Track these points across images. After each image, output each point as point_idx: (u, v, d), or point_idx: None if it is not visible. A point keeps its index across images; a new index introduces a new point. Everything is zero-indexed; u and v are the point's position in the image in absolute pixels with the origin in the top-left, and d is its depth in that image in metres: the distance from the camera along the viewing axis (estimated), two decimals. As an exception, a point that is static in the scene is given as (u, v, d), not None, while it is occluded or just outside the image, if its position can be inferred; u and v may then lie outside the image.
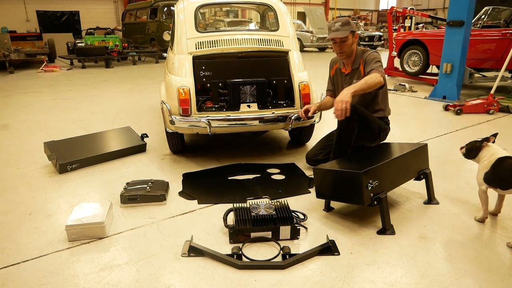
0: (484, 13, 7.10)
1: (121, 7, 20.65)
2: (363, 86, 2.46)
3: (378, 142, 2.86)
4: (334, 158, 2.65)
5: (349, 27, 2.76)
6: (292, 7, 27.51)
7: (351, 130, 2.61)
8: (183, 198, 2.66)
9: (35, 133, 4.29)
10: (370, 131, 2.73)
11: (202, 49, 3.18)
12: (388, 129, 2.90)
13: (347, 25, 2.76)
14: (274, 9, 3.54)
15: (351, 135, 2.62)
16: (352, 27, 2.77)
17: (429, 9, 31.30)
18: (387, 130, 2.88)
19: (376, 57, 2.74)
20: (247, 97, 3.16)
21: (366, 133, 2.73)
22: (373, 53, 2.79)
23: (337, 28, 2.76)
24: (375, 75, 2.52)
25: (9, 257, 1.99)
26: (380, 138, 2.85)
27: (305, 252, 1.97)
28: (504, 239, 2.12)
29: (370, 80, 2.48)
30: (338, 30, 2.75)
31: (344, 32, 2.73)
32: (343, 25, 2.75)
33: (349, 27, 2.76)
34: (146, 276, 1.82)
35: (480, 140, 2.25)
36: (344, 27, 2.75)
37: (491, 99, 5.15)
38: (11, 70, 9.62)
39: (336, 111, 2.35)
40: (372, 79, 2.49)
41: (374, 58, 2.73)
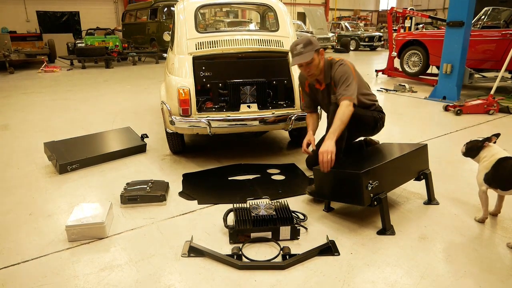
0: (484, 13, 7.10)
1: (121, 8, 20.64)
2: (342, 126, 2.36)
3: (377, 131, 2.86)
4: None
5: (312, 47, 2.54)
6: (292, 8, 27.52)
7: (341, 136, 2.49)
8: (183, 198, 2.66)
9: (35, 134, 4.29)
10: (365, 126, 2.74)
11: (202, 49, 3.18)
12: (383, 116, 2.85)
13: (310, 45, 2.53)
14: (274, 10, 3.54)
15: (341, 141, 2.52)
16: (315, 45, 2.56)
17: (429, 9, 31.31)
18: (382, 118, 2.84)
19: (342, 74, 2.55)
20: (247, 97, 3.16)
21: (363, 129, 2.75)
22: (339, 68, 2.58)
23: (300, 51, 2.54)
24: (344, 108, 2.39)
25: (9, 257, 1.99)
26: (378, 128, 2.84)
27: (305, 253, 1.97)
28: (504, 239, 2.12)
29: (344, 116, 2.37)
30: (301, 53, 2.53)
31: (308, 55, 2.52)
32: (305, 46, 2.53)
33: (312, 46, 2.54)
34: (146, 277, 1.82)
35: (482, 140, 2.25)
36: (307, 48, 2.53)
37: (491, 99, 5.15)
38: (11, 70, 9.62)
39: (321, 163, 2.23)
40: (345, 114, 2.37)
41: (341, 77, 2.54)
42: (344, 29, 19.86)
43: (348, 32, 19.21)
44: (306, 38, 2.58)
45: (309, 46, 2.55)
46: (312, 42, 2.56)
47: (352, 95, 2.46)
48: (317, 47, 2.57)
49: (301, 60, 2.55)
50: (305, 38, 2.58)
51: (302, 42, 2.56)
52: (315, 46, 2.56)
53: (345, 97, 2.45)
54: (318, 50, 2.60)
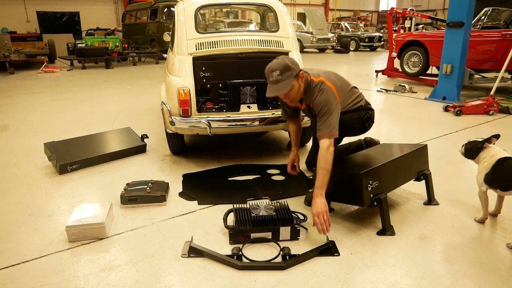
0: (484, 14, 7.11)
1: (121, 8, 20.66)
2: (327, 175, 2.14)
3: (368, 130, 2.75)
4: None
5: (291, 73, 2.25)
6: (292, 8, 27.53)
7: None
8: (183, 198, 2.66)
9: (35, 134, 4.29)
10: (354, 130, 2.66)
11: (202, 50, 3.18)
12: (371, 113, 2.71)
13: (288, 71, 2.24)
14: (274, 10, 3.54)
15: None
16: (294, 70, 2.26)
17: (429, 10, 31.32)
18: (371, 116, 2.71)
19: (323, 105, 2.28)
20: (247, 98, 3.16)
21: (351, 133, 2.69)
22: (318, 98, 2.31)
23: (276, 78, 2.26)
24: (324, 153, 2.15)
25: (10, 257, 1.99)
26: (367, 127, 2.72)
27: (305, 253, 1.97)
28: (504, 240, 2.12)
29: (327, 164, 2.14)
30: (278, 81, 2.26)
31: (287, 84, 2.26)
32: (282, 73, 2.24)
33: (291, 72, 2.25)
34: (146, 277, 1.82)
35: (481, 141, 2.24)
36: (285, 75, 2.24)
37: (491, 100, 5.15)
38: (11, 70, 9.63)
39: (317, 225, 2.04)
40: (328, 161, 2.14)
41: (321, 109, 2.28)
42: (344, 29, 19.88)
43: (348, 32, 19.23)
44: (284, 62, 2.27)
45: (287, 72, 2.25)
46: (290, 67, 2.26)
47: (331, 130, 2.22)
48: (296, 71, 2.29)
49: (279, 91, 2.30)
50: (282, 63, 2.27)
51: (278, 68, 2.25)
52: (294, 71, 2.27)
53: (325, 134, 2.22)
54: (298, 74, 2.31)
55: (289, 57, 2.35)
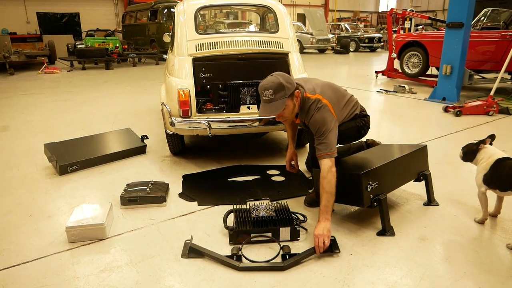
0: (484, 14, 7.11)
1: (121, 9, 20.66)
2: (332, 199, 2.09)
3: (364, 136, 2.70)
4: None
5: (285, 93, 2.14)
6: (292, 9, 27.55)
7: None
8: (183, 199, 2.66)
9: (35, 135, 4.29)
10: (350, 138, 2.63)
11: (202, 51, 3.19)
12: (367, 120, 2.65)
13: (281, 91, 2.13)
14: (274, 11, 3.55)
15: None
16: (288, 89, 2.14)
17: (428, 10, 31.35)
18: (367, 123, 2.64)
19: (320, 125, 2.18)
20: (247, 98, 3.17)
21: (348, 141, 2.67)
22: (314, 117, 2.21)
23: (269, 98, 2.14)
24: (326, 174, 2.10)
25: (10, 258, 1.99)
26: (363, 134, 2.67)
27: (306, 251, 1.97)
28: (503, 240, 2.12)
29: (331, 188, 2.08)
30: (270, 100, 2.15)
31: (280, 104, 2.15)
32: (276, 92, 2.13)
33: (284, 92, 2.14)
34: (146, 278, 1.82)
35: (476, 143, 2.25)
36: (278, 95, 2.13)
37: (491, 100, 5.16)
38: (11, 71, 9.63)
39: (316, 247, 1.99)
40: (331, 184, 2.09)
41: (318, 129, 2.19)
42: (344, 30, 19.88)
43: (348, 33, 19.24)
44: (277, 81, 2.14)
45: (281, 92, 2.14)
46: (284, 86, 2.14)
47: (331, 149, 2.14)
48: (290, 90, 2.17)
49: (271, 112, 2.19)
50: (275, 81, 2.14)
51: (272, 87, 2.14)
52: (288, 90, 2.15)
53: (325, 154, 2.14)
54: (293, 94, 2.19)
55: (285, 75, 2.22)
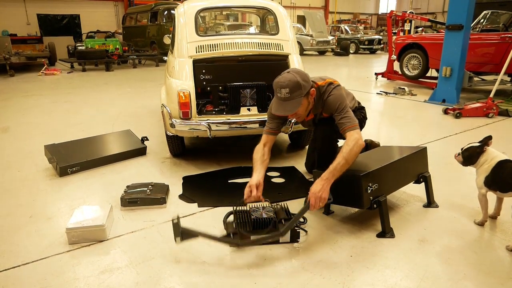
0: (483, 17, 7.13)
1: (122, 11, 20.68)
2: (345, 168, 2.05)
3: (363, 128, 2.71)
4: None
5: (301, 92, 2.12)
6: (292, 11, 27.59)
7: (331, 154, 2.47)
8: (183, 201, 2.67)
9: (36, 136, 4.30)
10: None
11: (202, 52, 3.20)
12: (364, 112, 2.74)
13: (298, 90, 2.11)
14: (274, 13, 3.56)
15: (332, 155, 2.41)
16: (304, 88, 2.13)
17: (428, 12, 31.41)
18: (364, 115, 2.75)
19: (339, 102, 2.20)
20: (247, 100, 3.17)
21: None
22: (332, 96, 2.23)
23: (285, 96, 2.13)
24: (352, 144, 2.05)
25: (10, 259, 1.99)
26: (363, 126, 2.72)
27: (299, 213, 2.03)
28: (503, 242, 2.12)
29: (351, 156, 2.04)
30: (286, 99, 2.13)
31: (296, 103, 2.14)
32: (292, 92, 2.11)
33: (301, 91, 2.12)
34: (146, 279, 1.82)
35: (479, 145, 2.24)
36: (295, 94, 2.12)
37: (491, 102, 5.16)
38: (11, 73, 9.64)
39: (311, 206, 2.00)
40: (353, 153, 2.03)
41: (339, 106, 2.20)
42: (344, 32, 19.92)
43: (347, 35, 19.27)
44: (295, 80, 2.12)
45: (298, 91, 2.12)
46: (301, 86, 2.12)
47: (355, 121, 2.17)
48: (307, 89, 2.16)
49: (286, 111, 2.18)
50: (293, 80, 2.12)
51: (288, 85, 2.11)
52: (304, 89, 2.14)
53: (351, 126, 2.13)
54: (309, 92, 2.20)
55: (301, 72, 2.21)
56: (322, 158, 2.58)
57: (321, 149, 2.66)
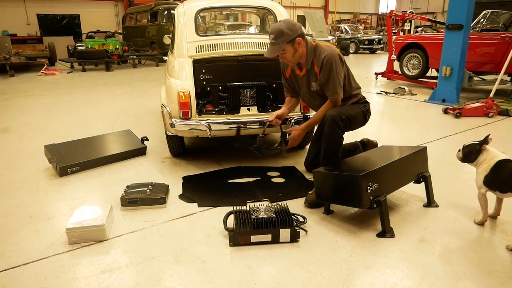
0: (483, 16, 7.13)
1: (122, 11, 20.68)
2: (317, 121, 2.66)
3: (367, 122, 2.83)
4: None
5: (284, 38, 2.46)
6: (292, 11, 27.60)
7: (338, 143, 2.56)
8: (183, 201, 2.67)
9: (36, 136, 4.30)
10: (357, 123, 2.73)
11: (202, 52, 3.20)
12: (368, 106, 2.82)
13: (281, 37, 2.46)
14: (274, 13, 3.56)
15: (338, 147, 2.56)
16: (287, 36, 2.46)
17: (428, 12, 31.41)
18: (369, 109, 2.82)
19: (330, 64, 2.50)
20: (247, 100, 3.17)
21: (355, 126, 2.74)
22: (327, 56, 2.50)
23: (272, 41, 2.51)
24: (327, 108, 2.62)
25: (10, 259, 1.99)
26: (367, 119, 2.82)
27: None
28: (503, 241, 2.12)
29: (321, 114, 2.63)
30: (272, 44, 2.51)
31: (278, 48, 2.50)
32: (276, 38, 2.47)
33: (284, 38, 2.46)
34: (146, 279, 1.83)
35: (479, 143, 2.24)
36: (278, 40, 2.47)
37: (490, 102, 5.16)
38: (11, 73, 9.64)
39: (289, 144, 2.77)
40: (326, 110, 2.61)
41: (330, 68, 2.50)
42: (344, 32, 19.91)
43: (347, 35, 19.27)
44: (279, 28, 2.46)
45: (281, 38, 2.46)
46: (283, 33, 2.45)
47: (338, 93, 2.58)
48: (290, 37, 2.46)
49: (270, 53, 2.55)
50: (278, 27, 2.47)
51: (273, 32, 2.48)
52: (288, 36, 2.46)
53: (330, 98, 2.63)
54: (294, 40, 2.49)
55: (290, 22, 2.52)
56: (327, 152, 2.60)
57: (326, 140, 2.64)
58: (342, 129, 2.54)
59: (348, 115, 2.58)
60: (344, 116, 2.54)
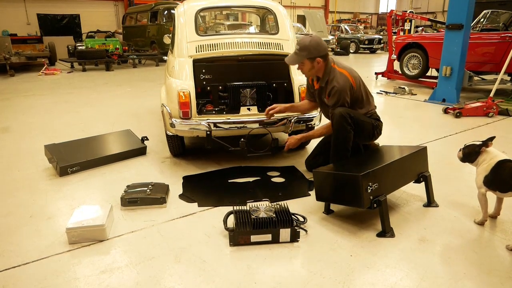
0: (483, 16, 7.13)
1: (122, 11, 20.68)
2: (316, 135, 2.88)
3: (374, 139, 2.88)
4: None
5: (306, 54, 2.58)
6: (292, 11, 27.59)
7: (346, 138, 2.63)
8: (183, 201, 2.67)
9: (36, 136, 4.30)
10: (365, 132, 2.75)
11: (202, 52, 3.20)
12: (380, 124, 2.87)
13: (304, 51, 2.58)
14: (274, 13, 3.56)
15: (348, 142, 2.64)
16: (310, 53, 2.57)
17: (428, 12, 31.40)
18: (380, 126, 2.86)
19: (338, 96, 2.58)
20: (247, 100, 3.17)
21: (363, 134, 2.75)
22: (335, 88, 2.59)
23: (295, 51, 2.64)
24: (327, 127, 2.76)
25: (10, 259, 1.99)
26: (376, 136, 2.85)
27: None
28: (503, 241, 2.12)
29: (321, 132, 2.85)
30: (295, 53, 2.65)
31: (296, 59, 2.65)
32: (300, 50, 2.60)
33: (306, 53, 2.58)
34: (146, 279, 1.83)
35: (479, 145, 2.24)
36: (300, 53, 2.60)
37: (491, 102, 5.16)
38: (11, 73, 9.63)
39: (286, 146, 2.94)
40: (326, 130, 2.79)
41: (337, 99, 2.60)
42: (344, 31, 19.90)
43: (348, 34, 19.26)
44: (306, 42, 2.59)
45: (303, 52, 2.60)
46: (307, 49, 2.58)
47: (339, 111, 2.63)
48: (311, 55, 2.59)
49: (290, 61, 2.72)
50: (305, 42, 2.59)
51: (299, 44, 2.61)
52: (310, 53, 2.58)
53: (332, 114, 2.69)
54: (314, 59, 2.61)
55: (318, 40, 2.63)
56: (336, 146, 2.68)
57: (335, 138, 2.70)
58: (351, 124, 2.59)
59: (356, 117, 2.64)
60: (353, 114, 2.61)
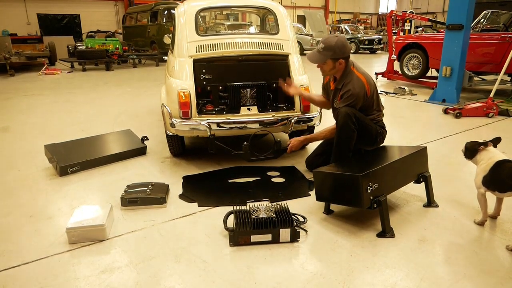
0: (483, 16, 7.13)
1: (122, 10, 20.69)
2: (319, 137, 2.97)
3: (376, 146, 2.86)
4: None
5: (330, 54, 2.59)
6: (292, 11, 27.59)
7: (349, 137, 2.62)
8: (183, 200, 2.67)
9: (36, 136, 4.30)
10: (368, 136, 2.73)
11: (202, 52, 3.20)
12: (384, 132, 2.87)
13: (329, 51, 2.59)
14: (274, 13, 3.56)
15: (350, 142, 2.64)
16: (334, 53, 2.59)
17: (428, 12, 31.41)
18: (383, 134, 2.86)
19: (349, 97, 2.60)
20: (247, 100, 3.17)
21: (365, 138, 2.73)
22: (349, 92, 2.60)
23: (318, 49, 2.65)
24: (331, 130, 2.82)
25: (10, 259, 1.99)
26: (378, 142, 2.84)
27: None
28: (503, 242, 2.12)
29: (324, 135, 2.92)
30: (319, 52, 2.64)
31: (320, 59, 2.65)
32: (324, 50, 2.61)
33: (331, 53, 2.59)
34: (146, 279, 1.83)
35: (479, 143, 2.25)
36: (324, 52, 2.61)
37: (491, 102, 5.16)
38: (12, 73, 9.63)
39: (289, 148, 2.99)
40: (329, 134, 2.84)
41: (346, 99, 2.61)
42: (344, 32, 19.89)
43: (348, 35, 19.24)
44: (332, 43, 2.58)
45: (328, 52, 2.60)
46: (333, 49, 2.58)
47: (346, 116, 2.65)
48: (337, 55, 2.60)
49: (310, 59, 2.70)
50: (330, 42, 2.59)
51: (325, 43, 2.61)
52: (335, 54, 2.59)
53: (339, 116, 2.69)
54: (337, 59, 2.62)
55: (344, 42, 2.63)
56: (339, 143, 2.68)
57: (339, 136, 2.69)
58: (355, 124, 2.59)
59: (361, 119, 2.64)
60: (358, 115, 2.62)
